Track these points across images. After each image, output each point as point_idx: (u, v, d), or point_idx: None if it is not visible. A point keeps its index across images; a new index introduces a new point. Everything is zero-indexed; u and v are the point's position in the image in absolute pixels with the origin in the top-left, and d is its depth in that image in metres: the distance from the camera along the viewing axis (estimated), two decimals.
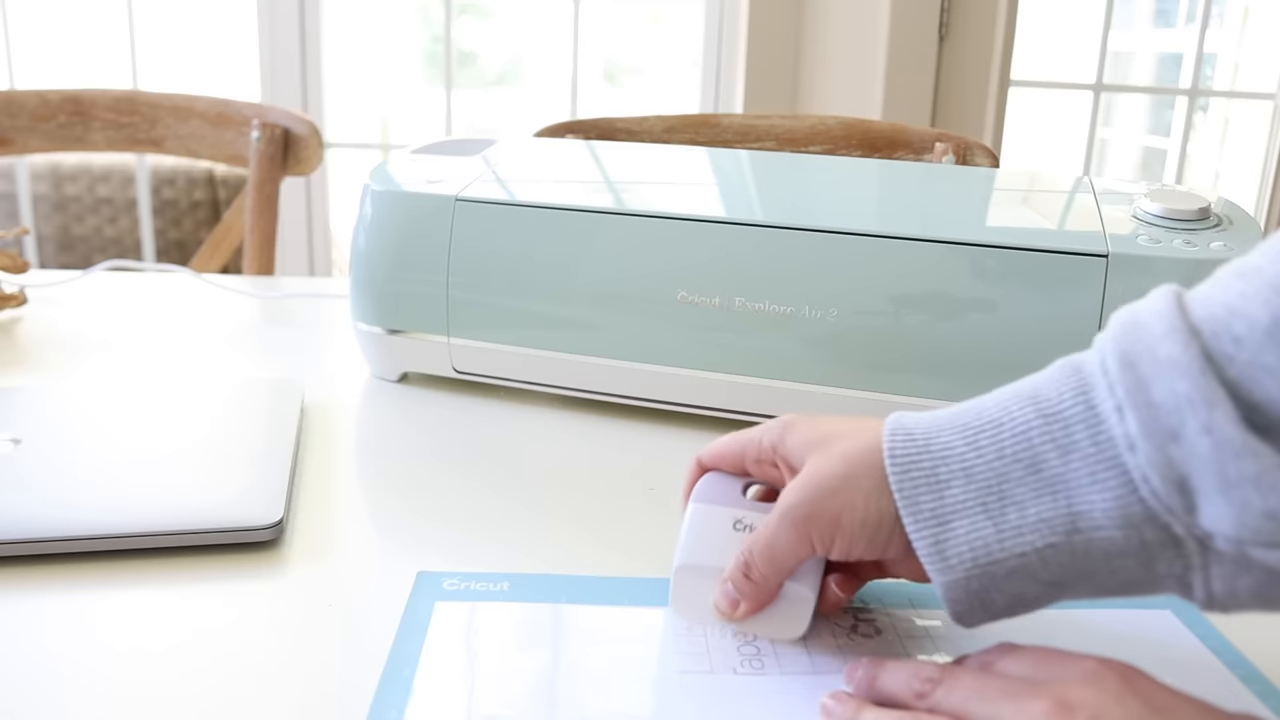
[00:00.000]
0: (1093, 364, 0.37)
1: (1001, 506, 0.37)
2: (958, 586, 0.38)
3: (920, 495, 0.38)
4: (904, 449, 0.39)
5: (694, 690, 0.41)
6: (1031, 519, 0.36)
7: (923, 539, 0.38)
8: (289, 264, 2.24)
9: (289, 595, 0.47)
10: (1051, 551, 0.36)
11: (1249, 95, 2.52)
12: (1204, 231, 0.62)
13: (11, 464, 0.55)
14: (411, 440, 0.65)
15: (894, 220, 0.64)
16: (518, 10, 2.49)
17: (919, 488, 0.38)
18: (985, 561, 0.37)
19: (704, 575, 0.44)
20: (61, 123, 1.25)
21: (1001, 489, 0.37)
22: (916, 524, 0.38)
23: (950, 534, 0.38)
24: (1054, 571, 0.37)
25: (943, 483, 0.38)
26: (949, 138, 1.11)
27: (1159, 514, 0.34)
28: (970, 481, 0.38)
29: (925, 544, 0.38)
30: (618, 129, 1.19)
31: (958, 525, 0.37)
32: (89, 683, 0.41)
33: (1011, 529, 0.37)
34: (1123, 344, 0.35)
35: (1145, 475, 0.34)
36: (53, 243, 2.27)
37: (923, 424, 0.40)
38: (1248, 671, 0.43)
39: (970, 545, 0.37)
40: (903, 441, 0.39)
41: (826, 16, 2.14)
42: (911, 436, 0.40)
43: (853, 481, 0.40)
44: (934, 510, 0.38)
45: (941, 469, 0.38)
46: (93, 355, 0.77)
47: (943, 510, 0.38)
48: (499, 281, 0.68)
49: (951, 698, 0.36)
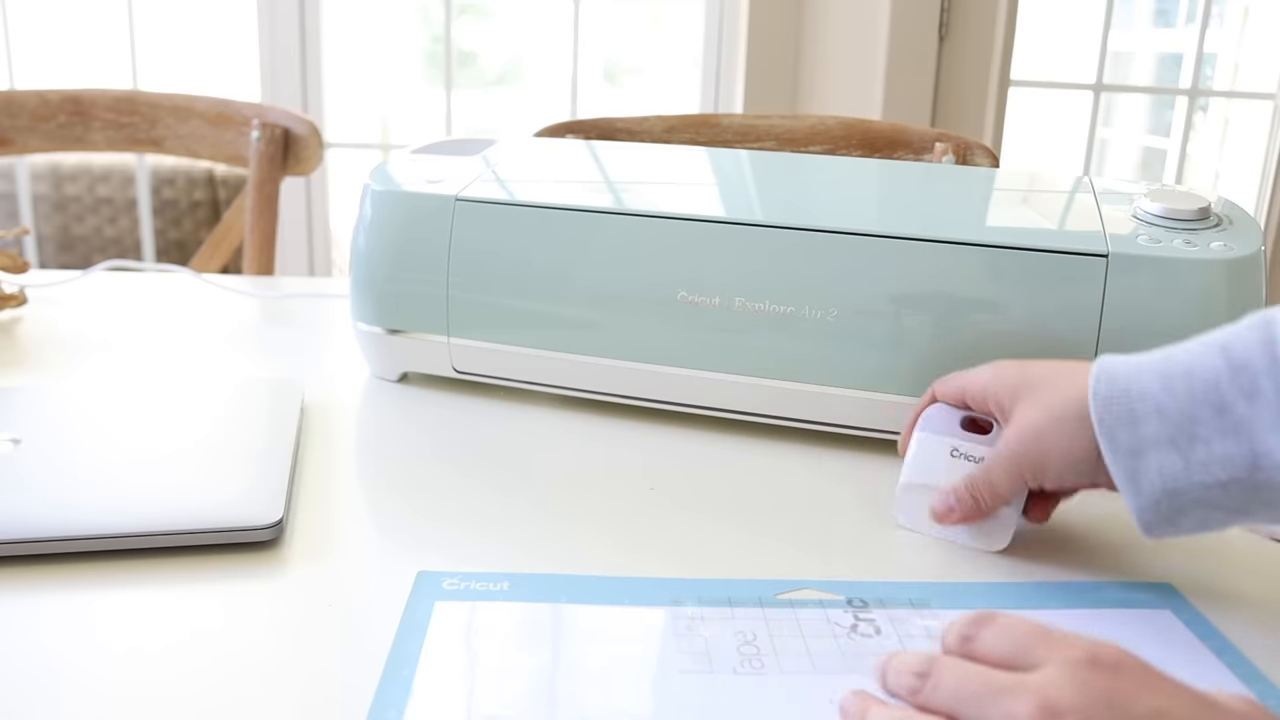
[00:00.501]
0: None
1: (1190, 443, 0.42)
2: (1148, 510, 0.43)
3: (1118, 430, 0.44)
4: (1106, 390, 0.45)
5: (694, 690, 0.41)
6: (1218, 455, 0.42)
7: (1119, 469, 0.44)
8: (289, 264, 2.24)
9: (289, 595, 0.47)
10: (1236, 485, 0.42)
11: (1249, 95, 2.52)
12: (1204, 231, 0.62)
13: (11, 464, 0.55)
14: (411, 440, 0.65)
15: (894, 220, 0.64)
16: (518, 10, 2.49)
17: (1118, 423, 0.44)
18: (1173, 489, 0.43)
19: (925, 492, 0.54)
20: (61, 123, 1.25)
21: (1192, 429, 0.42)
22: (1114, 456, 0.44)
23: (1144, 464, 0.43)
24: (1236, 500, 0.42)
25: (1139, 419, 0.43)
26: (949, 138, 1.11)
27: None
28: (1164, 420, 0.43)
29: (1121, 473, 0.44)
30: (618, 129, 1.19)
31: (1150, 458, 0.43)
32: (88, 683, 0.41)
33: (1199, 464, 0.42)
34: None
35: None
36: (53, 243, 2.28)
37: (1127, 367, 0.45)
38: (1248, 671, 0.43)
39: (1161, 475, 0.43)
40: (1105, 383, 0.45)
41: (826, 16, 2.14)
42: (1114, 379, 0.45)
43: (1057, 425, 0.46)
44: (1129, 444, 0.43)
45: (1138, 406, 0.43)
46: (93, 355, 0.77)
47: (1138, 444, 0.43)
48: (499, 281, 0.68)
49: (938, 694, 0.36)
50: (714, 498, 0.59)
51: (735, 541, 0.53)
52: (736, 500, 0.58)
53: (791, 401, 0.65)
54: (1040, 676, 0.33)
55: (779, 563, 0.51)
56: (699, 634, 0.44)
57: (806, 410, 0.65)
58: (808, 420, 0.65)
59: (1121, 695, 0.32)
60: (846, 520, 0.56)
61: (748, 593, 0.48)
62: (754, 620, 0.45)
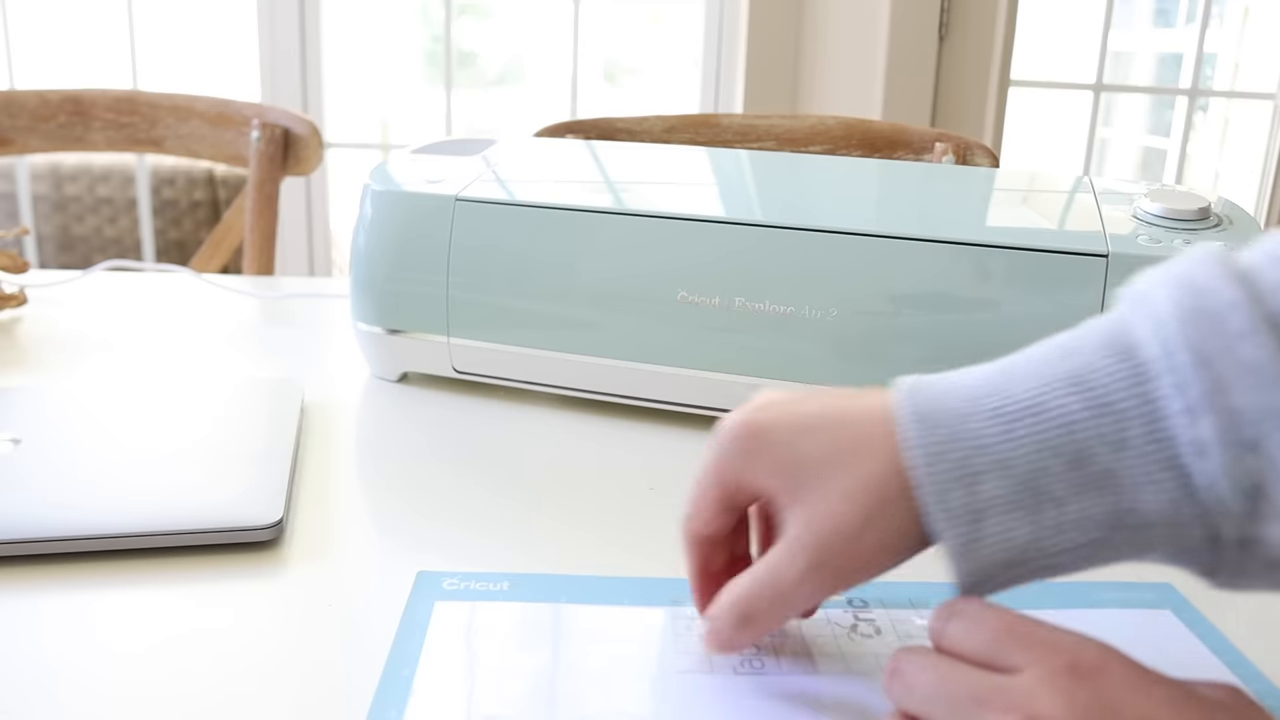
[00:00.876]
0: (1150, 350, 0.33)
1: (1038, 503, 0.34)
2: (974, 576, 0.35)
3: (950, 491, 0.34)
4: (928, 439, 0.35)
5: (694, 690, 0.41)
6: (1072, 516, 0.34)
7: (952, 539, 0.34)
8: (289, 264, 2.24)
9: (289, 595, 0.47)
10: (1090, 547, 0.34)
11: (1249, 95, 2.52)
12: (1204, 231, 0.62)
13: (11, 464, 0.55)
14: (411, 440, 0.65)
15: (894, 220, 0.64)
16: (518, 10, 2.49)
17: (949, 481, 0.34)
18: (1018, 560, 0.34)
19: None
20: (61, 123, 1.25)
21: (1039, 484, 0.34)
22: (949, 522, 0.34)
23: (982, 532, 0.34)
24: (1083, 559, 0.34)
25: (974, 476, 0.34)
26: (949, 138, 1.11)
27: (1213, 515, 0.32)
28: (1006, 475, 0.34)
29: (955, 543, 0.34)
30: (618, 129, 1.19)
31: (990, 523, 0.34)
32: (88, 682, 0.41)
33: (1050, 527, 0.34)
34: (1193, 337, 0.32)
35: (1213, 482, 0.32)
36: (53, 243, 2.28)
37: (945, 407, 0.36)
38: (1248, 672, 0.43)
39: (1004, 545, 0.34)
40: (927, 430, 0.35)
41: (826, 16, 2.14)
42: (936, 422, 0.35)
43: (880, 521, 0.36)
44: (966, 506, 0.34)
45: (974, 460, 0.34)
46: (93, 355, 0.77)
47: (975, 505, 0.34)
48: (499, 281, 0.68)
49: (913, 698, 0.34)
50: None
51: None
52: None
53: None
54: (1022, 686, 0.31)
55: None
56: (699, 634, 0.44)
57: None
58: None
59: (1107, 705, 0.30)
60: None
61: None
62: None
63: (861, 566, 0.37)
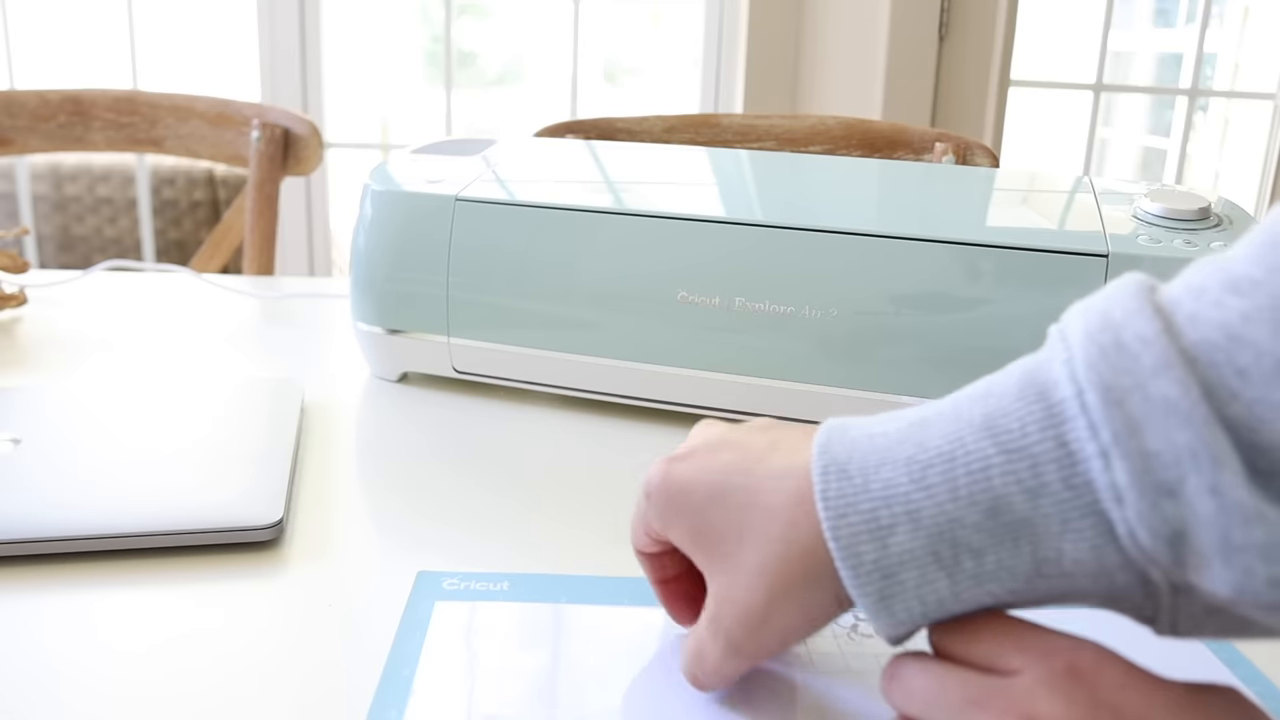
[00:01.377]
0: (1063, 390, 0.31)
1: (955, 555, 0.32)
2: (900, 629, 0.34)
3: (861, 545, 0.33)
4: (838, 490, 0.34)
5: (694, 690, 0.41)
6: (990, 567, 0.32)
7: (866, 594, 0.33)
8: (289, 264, 2.24)
9: (289, 595, 0.47)
10: (1011, 598, 0.33)
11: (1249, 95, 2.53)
12: (1204, 231, 0.62)
13: (11, 464, 0.55)
14: (411, 440, 0.65)
15: (894, 220, 0.64)
16: (518, 10, 2.49)
17: (858, 536, 0.33)
18: (937, 614, 0.33)
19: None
20: (61, 123, 1.25)
21: (955, 534, 0.32)
22: (857, 577, 0.33)
23: (898, 587, 0.33)
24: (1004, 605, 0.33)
25: (885, 529, 0.33)
26: (949, 138, 1.11)
27: (1138, 562, 0.31)
28: (918, 527, 0.32)
29: (869, 599, 0.33)
30: (618, 129, 1.19)
31: (906, 577, 0.33)
32: (88, 682, 0.41)
33: (968, 578, 0.32)
34: (1105, 374, 0.30)
35: (1132, 529, 0.30)
36: (53, 243, 2.28)
37: (858, 455, 0.34)
38: (1248, 672, 0.43)
39: (921, 600, 0.33)
40: (836, 481, 0.34)
41: (826, 16, 2.14)
42: (846, 474, 0.34)
43: (787, 602, 0.35)
44: (877, 561, 0.33)
45: (883, 512, 0.33)
46: (93, 355, 0.77)
47: (887, 560, 0.33)
48: (499, 281, 0.68)
49: (911, 701, 0.34)
50: None
51: None
52: None
53: (791, 401, 0.65)
54: (1020, 687, 0.31)
55: None
56: None
57: (806, 410, 0.65)
58: (807, 420, 0.65)
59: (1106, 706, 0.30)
60: None
61: None
62: None
63: (778, 643, 0.36)
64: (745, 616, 0.36)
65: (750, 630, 0.36)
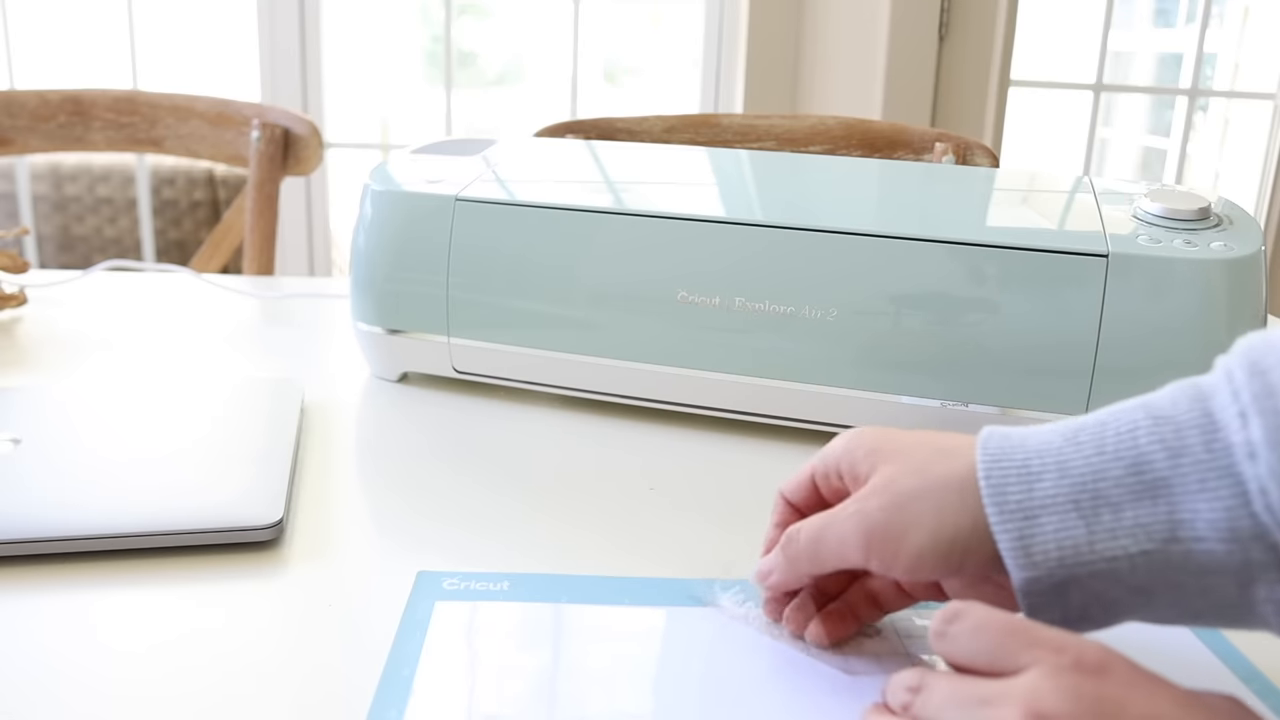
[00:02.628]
0: (1214, 376, 0.35)
1: (1095, 506, 0.35)
2: (1038, 583, 0.36)
3: (1009, 486, 0.36)
4: (997, 445, 0.38)
5: (694, 690, 0.41)
6: (1128, 522, 0.35)
7: (1007, 532, 0.36)
8: (289, 264, 2.24)
9: (289, 595, 0.47)
10: (1144, 559, 0.34)
11: (1249, 95, 2.52)
12: (1204, 231, 0.62)
13: (11, 464, 0.55)
14: (411, 440, 0.65)
15: (894, 220, 0.64)
16: (518, 10, 2.48)
17: (1008, 479, 0.36)
18: (1072, 562, 0.35)
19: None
20: (61, 123, 1.25)
21: (1097, 487, 0.35)
22: (1002, 517, 0.36)
23: (1037, 529, 0.36)
24: (1142, 578, 0.35)
25: (1034, 475, 0.36)
26: (949, 138, 1.11)
27: (1270, 530, 0.32)
28: (1064, 476, 0.36)
29: (1009, 538, 0.36)
30: (618, 129, 1.19)
31: (1046, 521, 0.36)
32: (88, 682, 0.41)
33: (1105, 531, 0.35)
34: (1252, 355, 0.34)
35: (1264, 487, 0.32)
36: (53, 243, 2.27)
37: (1019, 430, 0.38)
38: (1248, 671, 0.43)
39: (1058, 543, 0.35)
40: (997, 439, 0.38)
41: (826, 16, 2.14)
42: (1007, 435, 0.38)
43: (930, 495, 0.38)
44: (1021, 503, 0.36)
45: (1034, 462, 0.36)
46: (93, 355, 0.77)
47: (1031, 504, 0.36)
48: (499, 281, 0.68)
49: (928, 707, 0.34)
50: (713, 497, 0.59)
51: (735, 541, 0.53)
52: (736, 500, 0.58)
53: (791, 401, 0.65)
54: (1025, 682, 0.32)
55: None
56: (699, 634, 0.44)
57: (806, 410, 0.65)
58: (808, 420, 0.65)
59: (1112, 701, 0.30)
60: None
61: (748, 593, 0.48)
62: (754, 620, 0.45)
63: (906, 537, 0.38)
64: (888, 493, 0.39)
65: (887, 508, 0.39)
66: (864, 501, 0.39)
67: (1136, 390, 0.39)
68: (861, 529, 0.39)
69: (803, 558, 0.41)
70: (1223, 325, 0.59)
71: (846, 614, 0.44)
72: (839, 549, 0.40)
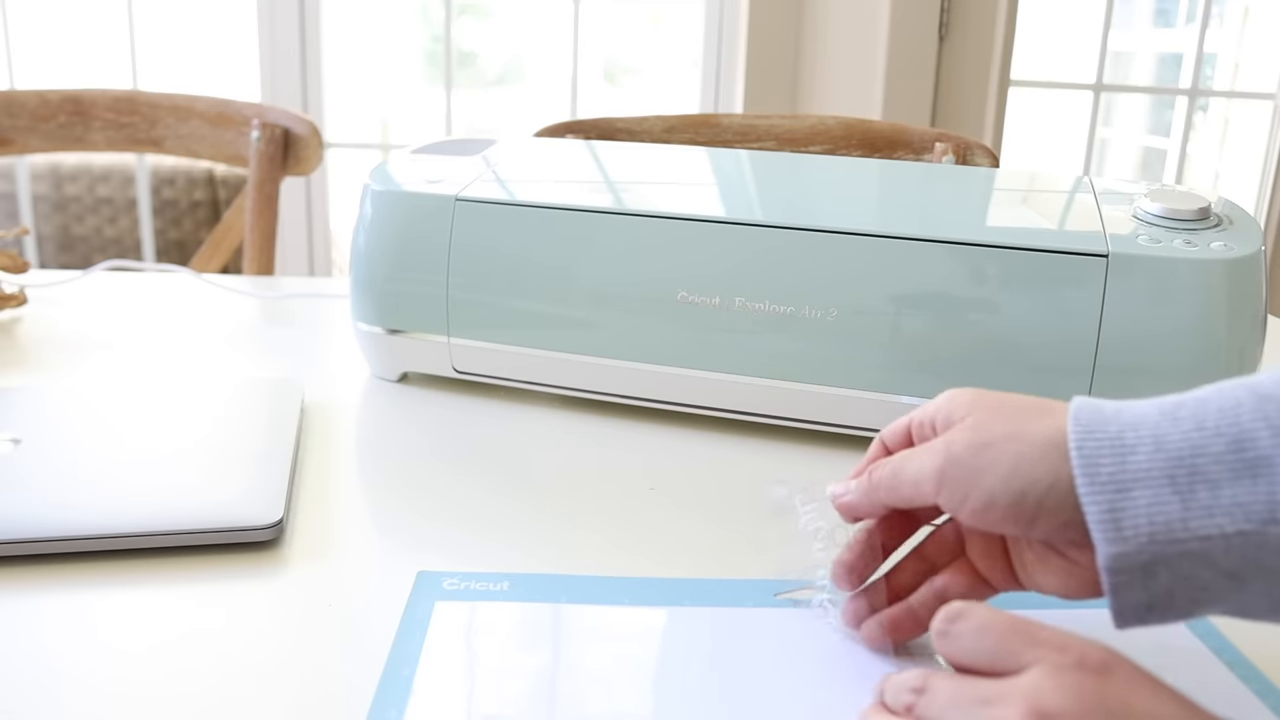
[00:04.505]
0: None
1: (1191, 482, 0.34)
2: (1126, 559, 0.34)
3: (1101, 458, 0.35)
4: (1090, 415, 0.36)
5: (694, 690, 0.41)
6: (1225, 500, 0.33)
7: (1096, 504, 0.35)
8: (289, 264, 2.24)
9: (289, 595, 0.47)
10: (1240, 540, 0.33)
11: (1249, 95, 2.52)
12: (1204, 231, 0.62)
13: (11, 464, 0.55)
14: (411, 440, 0.65)
15: (894, 220, 0.64)
16: (518, 10, 2.48)
17: (1100, 450, 0.35)
18: (1164, 539, 0.34)
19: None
20: (61, 123, 1.25)
21: (1194, 462, 0.34)
22: (1092, 488, 0.35)
23: (1129, 502, 0.34)
24: (1235, 561, 0.34)
25: (1128, 447, 0.35)
26: (949, 138, 1.11)
27: None
28: (1159, 450, 0.34)
29: (1098, 510, 0.35)
30: (618, 129, 1.19)
31: (1139, 494, 0.34)
32: (89, 682, 0.41)
33: (1200, 508, 0.34)
34: None
35: None
36: (53, 243, 2.27)
37: (1112, 402, 0.37)
38: (1248, 671, 0.43)
39: (1150, 518, 0.34)
40: (1090, 409, 0.37)
41: (826, 16, 2.14)
42: (1100, 408, 0.37)
43: (1013, 441, 0.37)
44: (1113, 475, 0.35)
45: (1129, 434, 0.35)
46: (93, 355, 0.77)
47: (1123, 476, 0.35)
48: (499, 281, 0.68)
49: (931, 708, 0.34)
50: (714, 498, 0.59)
51: (735, 541, 0.53)
52: (736, 500, 0.58)
53: (791, 401, 0.65)
54: (1027, 681, 0.32)
55: (778, 563, 0.51)
56: (699, 634, 0.44)
57: (806, 410, 0.65)
58: (808, 420, 0.65)
59: (1115, 699, 0.31)
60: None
61: (748, 593, 0.48)
62: (754, 620, 0.45)
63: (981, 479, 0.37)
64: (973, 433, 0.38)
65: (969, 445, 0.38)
66: (949, 437, 0.39)
67: (1136, 390, 0.39)
68: (938, 462, 0.39)
69: (882, 485, 0.41)
70: (1223, 325, 0.59)
71: (908, 618, 0.43)
72: (915, 479, 0.39)
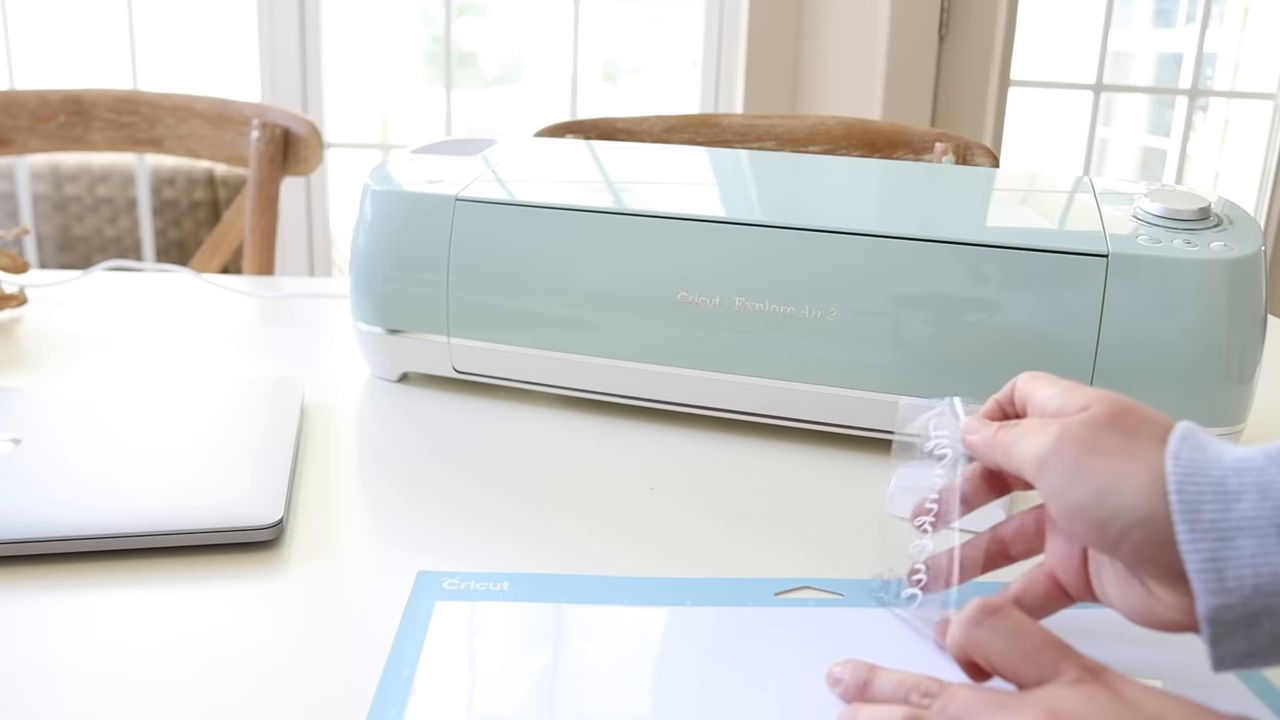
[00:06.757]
0: None
1: None
2: (1229, 610, 0.33)
3: (1204, 504, 0.34)
4: (1190, 456, 0.35)
5: (694, 690, 0.41)
6: None
7: (1198, 553, 0.33)
8: (289, 264, 2.24)
9: (289, 595, 0.47)
10: None
11: (1249, 95, 2.52)
12: (1204, 231, 0.62)
13: (11, 464, 0.55)
14: (411, 440, 0.65)
15: (894, 220, 0.64)
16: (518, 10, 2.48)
17: (1202, 495, 0.34)
18: (1269, 590, 0.33)
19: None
20: (61, 123, 1.25)
21: None
22: (1193, 536, 0.34)
23: (1233, 551, 0.33)
24: None
25: (1232, 495, 0.34)
26: (949, 138, 1.11)
27: None
28: (1266, 498, 0.33)
29: (1200, 559, 0.33)
30: (618, 129, 1.19)
31: (1243, 543, 0.33)
32: (89, 682, 0.41)
33: None
34: None
35: None
36: (53, 243, 2.27)
37: (1215, 441, 0.36)
38: (1247, 671, 0.43)
39: (1255, 569, 0.33)
40: (1190, 449, 0.35)
41: (826, 16, 2.14)
42: (1201, 447, 0.35)
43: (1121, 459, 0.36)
44: (1216, 523, 0.33)
45: (1232, 480, 0.34)
46: (93, 355, 0.77)
47: (1227, 525, 0.33)
48: (499, 281, 0.68)
49: (947, 712, 0.35)
50: (713, 497, 0.59)
51: (735, 541, 0.54)
52: (736, 500, 0.58)
53: (791, 401, 0.65)
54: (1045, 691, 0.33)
55: (778, 562, 0.51)
56: (699, 634, 0.44)
57: (806, 410, 0.65)
58: (808, 420, 0.65)
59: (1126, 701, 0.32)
60: (846, 520, 0.56)
61: (747, 592, 0.48)
62: (754, 620, 0.45)
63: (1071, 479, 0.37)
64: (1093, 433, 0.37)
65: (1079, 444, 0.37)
66: (1069, 422, 0.38)
67: (1136, 390, 0.39)
68: (1044, 453, 0.38)
69: (1000, 446, 0.41)
70: (1223, 325, 0.59)
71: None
72: (1024, 455, 0.39)
